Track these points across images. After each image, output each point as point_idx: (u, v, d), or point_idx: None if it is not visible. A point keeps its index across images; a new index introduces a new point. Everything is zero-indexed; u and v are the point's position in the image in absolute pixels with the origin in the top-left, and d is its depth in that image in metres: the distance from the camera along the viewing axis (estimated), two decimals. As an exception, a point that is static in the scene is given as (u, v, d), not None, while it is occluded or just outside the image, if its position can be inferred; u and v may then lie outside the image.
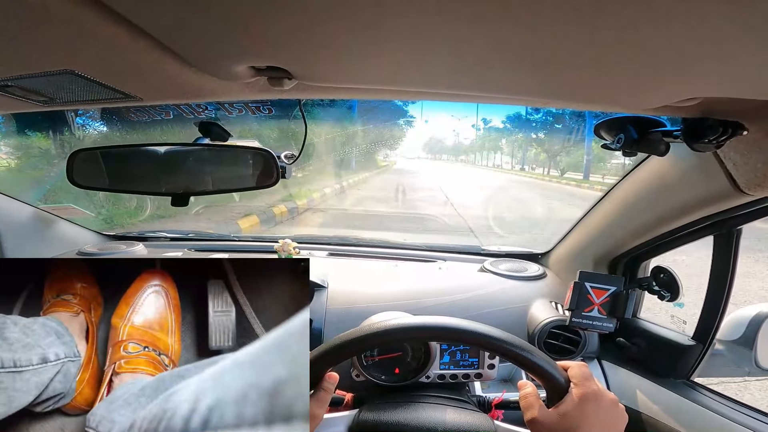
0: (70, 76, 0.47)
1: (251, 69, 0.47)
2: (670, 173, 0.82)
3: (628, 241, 1.04)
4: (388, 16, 0.32)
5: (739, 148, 0.62)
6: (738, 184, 0.67)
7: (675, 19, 0.29)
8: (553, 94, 0.53)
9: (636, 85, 0.46)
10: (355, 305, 1.12)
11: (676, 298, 0.95)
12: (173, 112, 0.79)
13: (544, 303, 1.15)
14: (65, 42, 0.40)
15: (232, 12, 0.33)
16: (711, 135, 0.56)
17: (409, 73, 0.47)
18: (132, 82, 0.51)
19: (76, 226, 1.58)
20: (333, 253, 1.53)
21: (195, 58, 0.45)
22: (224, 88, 0.55)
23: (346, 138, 7.32)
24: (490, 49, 0.38)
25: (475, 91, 0.53)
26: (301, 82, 0.50)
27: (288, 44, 0.40)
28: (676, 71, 0.40)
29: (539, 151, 13.22)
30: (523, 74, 0.45)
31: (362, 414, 0.76)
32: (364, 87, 0.52)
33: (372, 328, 0.71)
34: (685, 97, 0.48)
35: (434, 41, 0.37)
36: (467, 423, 0.74)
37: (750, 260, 4.72)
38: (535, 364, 0.67)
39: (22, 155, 4.01)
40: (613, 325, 0.92)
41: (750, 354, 0.96)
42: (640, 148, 0.63)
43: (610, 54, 0.37)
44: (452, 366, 0.92)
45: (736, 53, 0.34)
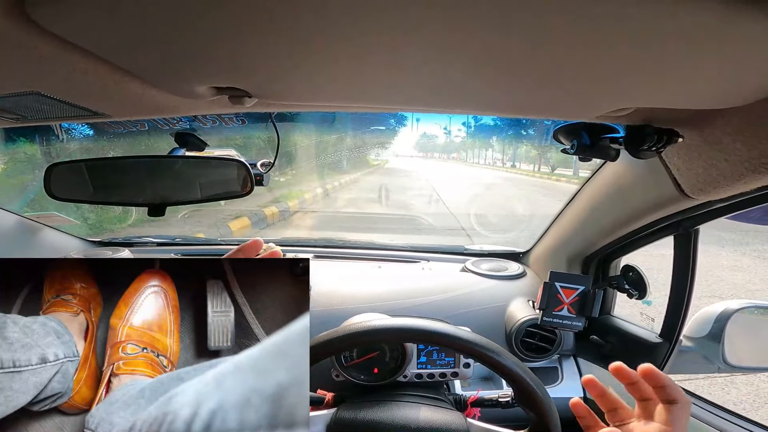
0: (36, 96, 0.48)
1: (212, 89, 0.48)
2: (624, 177, 0.84)
3: (596, 241, 1.06)
4: (337, 39, 0.34)
5: (681, 154, 0.64)
6: (683, 189, 0.70)
7: (603, 38, 0.32)
8: (505, 106, 0.55)
9: (573, 97, 0.49)
10: (336, 307, 1.14)
11: (644, 296, 0.97)
12: (148, 123, 0.80)
13: (522, 302, 1.17)
14: (26, 67, 0.41)
15: (189, 37, 0.35)
16: (649, 142, 0.58)
17: (364, 89, 0.49)
18: (98, 101, 0.53)
19: (62, 234, 1.58)
20: (318, 255, 1.54)
21: (156, 79, 0.47)
22: (188, 105, 0.56)
23: (336, 139, 7.30)
24: (447, 68, 0.40)
25: (433, 106, 0.55)
26: (262, 100, 0.52)
27: (245, 67, 0.42)
28: (606, 83, 0.43)
29: (529, 148, 13.28)
30: (478, 89, 0.48)
31: (339, 413, 0.78)
32: (322, 104, 0.54)
33: (348, 330, 0.74)
34: (619, 107, 0.51)
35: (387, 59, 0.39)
36: (440, 421, 0.76)
37: (737, 253, 4.78)
38: (500, 364, 0.70)
39: (6, 162, 3.97)
40: (582, 324, 0.94)
41: (718, 350, 0.98)
42: (592, 153, 0.66)
43: (552, 70, 0.40)
44: (429, 365, 0.94)
45: (661, 67, 0.37)
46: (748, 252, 4.86)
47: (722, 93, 0.45)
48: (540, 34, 0.32)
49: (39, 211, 2.48)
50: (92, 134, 3.80)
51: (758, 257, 4.73)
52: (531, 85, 0.45)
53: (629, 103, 0.50)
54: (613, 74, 0.40)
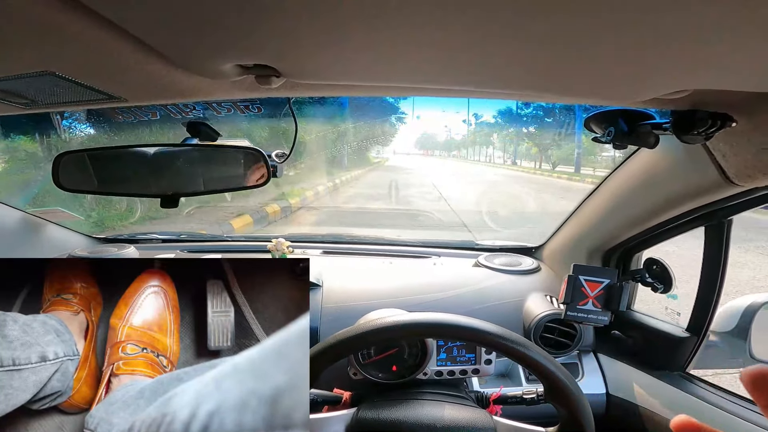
0: (51, 77, 0.46)
1: (238, 67, 0.46)
2: (660, 165, 0.82)
3: (620, 233, 1.04)
4: (376, 9, 0.32)
5: (729, 140, 0.62)
6: (728, 175, 0.68)
7: (662, 11, 0.29)
8: (544, 87, 0.52)
9: (626, 79, 0.46)
10: (350, 303, 1.12)
11: (669, 289, 0.95)
12: (160, 112, 0.77)
13: (539, 297, 1.15)
14: (43, 44, 0.38)
15: (217, 9, 0.32)
16: (700, 127, 0.56)
17: (399, 68, 0.47)
18: (115, 83, 0.50)
19: (66, 230, 1.56)
20: (327, 251, 1.52)
21: (180, 57, 0.44)
22: (210, 87, 0.53)
23: (338, 135, 7.28)
24: (482, 43, 0.37)
25: (466, 86, 0.52)
26: (290, 79, 0.49)
27: (275, 41, 0.39)
28: (665, 64, 0.40)
29: (530, 145, 13.27)
30: (515, 68, 0.45)
31: (360, 412, 0.76)
32: (353, 84, 0.51)
33: (368, 326, 0.71)
34: (675, 89, 0.48)
35: (425, 35, 0.36)
36: (466, 419, 0.74)
37: (740, 250, 4.77)
38: (531, 359, 0.68)
39: (8, 158, 3.95)
40: (608, 318, 0.92)
41: (744, 345, 0.97)
42: (630, 140, 0.63)
43: (600, 47, 0.37)
44: (449, 362, 0.92)
45: (724, 45, 0.34)
46: (752, 249, 4.85)
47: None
48: (595, 10, 0.29)
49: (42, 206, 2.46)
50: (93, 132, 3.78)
51: (762, 254, 4.73)
52: (581, 66, 0.42)
53: (688, 85, 0.47)
54: (674, 54, 0.37)
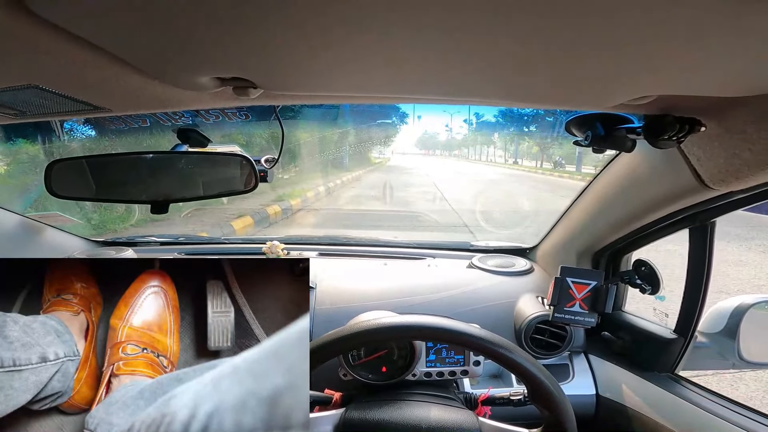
0: (35, 90, 0.47)
1: (216, 80, 0.47)
2: (641, 168, 0.82)
3: (607, 235, 1.05)
4: (349, 27, 0.33)
5: (702, 144, 0.63)
6: (703, 180, 0.68)
7: (623, 21, 0.30)
8: (519, 96, 0.54)
9: (593, 85, 0.47)
10: (343, 305, 1.13)
11: (657, 291, 0.96)
12: (149, 119, 0.79)
13: (531, 298, 1.16)
14: (25, 59, 0.39)
15: (188, 26, 0.33)
16: (670, 131, 0.57)
17: (375, 80, 0.47)
18: (97, 94, 0.51)
19: (65, 234, 1.57)
20: (323, 253, 1.53)
21: (155, 71, 0.45)
22: (191, 98, 0.55)
23: (339, 136, 7.29)
24: (460, 57, 0.38)
25: (441, 95, 0.53)
26: (267, 90, 0.50)
27: (250, 56, 0.40)
28: (625, 70, 0.41)
29: (531, 144, 13.24)
30: (491, 79, 0.46)
31: (348, 413, 0.77)
32: (330, 94, 0.52)
33: (354, 328, 0.72)
34: (639, 95, 0.49)
35: (398, 50, 0.37)
36: (451, 420, 0.75)
37: (742, 248, 4.75)
38: (514, 362, 0.68)
39: (10, 162, 3.97)
40: (594, 320, 0.92)
41: (733, 346, 0.97)
42: (607, 144, 0.64)
43: (569, 57, 0.38)
44: (438, 363, 0.92)
45: (681, 51, 0.35)
46: (754, 247, 4.83)
47: (746, 80, 0.44)
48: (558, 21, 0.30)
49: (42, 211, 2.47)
50: (94, 134, 3.79)
51: (764, 252, 4.71)
52: (549, 75, 0.43)
53: (651, 91, 0.48)
54: (634, 60, 0.38)
